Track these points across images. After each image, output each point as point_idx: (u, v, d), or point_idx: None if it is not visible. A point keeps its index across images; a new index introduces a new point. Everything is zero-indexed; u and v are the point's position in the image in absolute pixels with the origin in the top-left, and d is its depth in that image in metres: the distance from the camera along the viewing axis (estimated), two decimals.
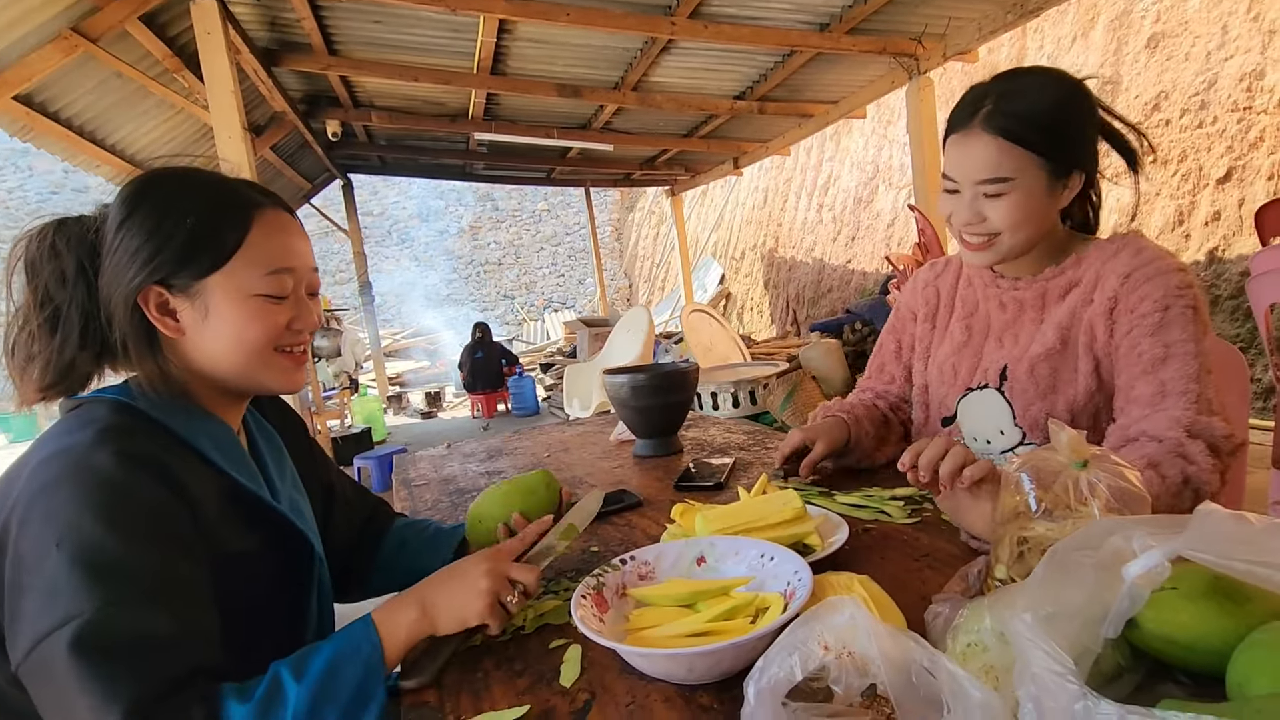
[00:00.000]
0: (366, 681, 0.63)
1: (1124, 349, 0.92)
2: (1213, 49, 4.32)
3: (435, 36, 4.42)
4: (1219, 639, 0.46)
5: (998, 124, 0.90)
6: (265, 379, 0.76)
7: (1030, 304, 1.03)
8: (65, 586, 0.56)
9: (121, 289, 0.70)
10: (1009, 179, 0.91)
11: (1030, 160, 0.90)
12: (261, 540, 0.75)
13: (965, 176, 0.94)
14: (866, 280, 7.44)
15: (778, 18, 4.16)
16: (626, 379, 1.41)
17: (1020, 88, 0.93)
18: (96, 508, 0.60)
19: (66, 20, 3.24)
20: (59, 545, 0.58)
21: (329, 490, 0.98)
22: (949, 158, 0.97)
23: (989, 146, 0.91)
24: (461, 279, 15.27)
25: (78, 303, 0.71)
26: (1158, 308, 0.89)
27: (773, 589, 0.68)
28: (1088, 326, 0.96)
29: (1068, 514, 0.58)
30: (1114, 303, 0.93)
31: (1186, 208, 4.41)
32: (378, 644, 0.66)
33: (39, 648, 0.55)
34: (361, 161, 8.02)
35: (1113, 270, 0.94)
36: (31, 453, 0.65)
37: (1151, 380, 0.88)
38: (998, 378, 1.04)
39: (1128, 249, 0.95)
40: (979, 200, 0.94)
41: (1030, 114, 0.90)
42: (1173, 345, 0.88)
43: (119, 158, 4.81)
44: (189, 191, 0.74)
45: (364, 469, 4.85)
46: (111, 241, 0.71)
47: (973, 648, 0.51)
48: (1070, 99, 0.94)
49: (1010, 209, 0.92)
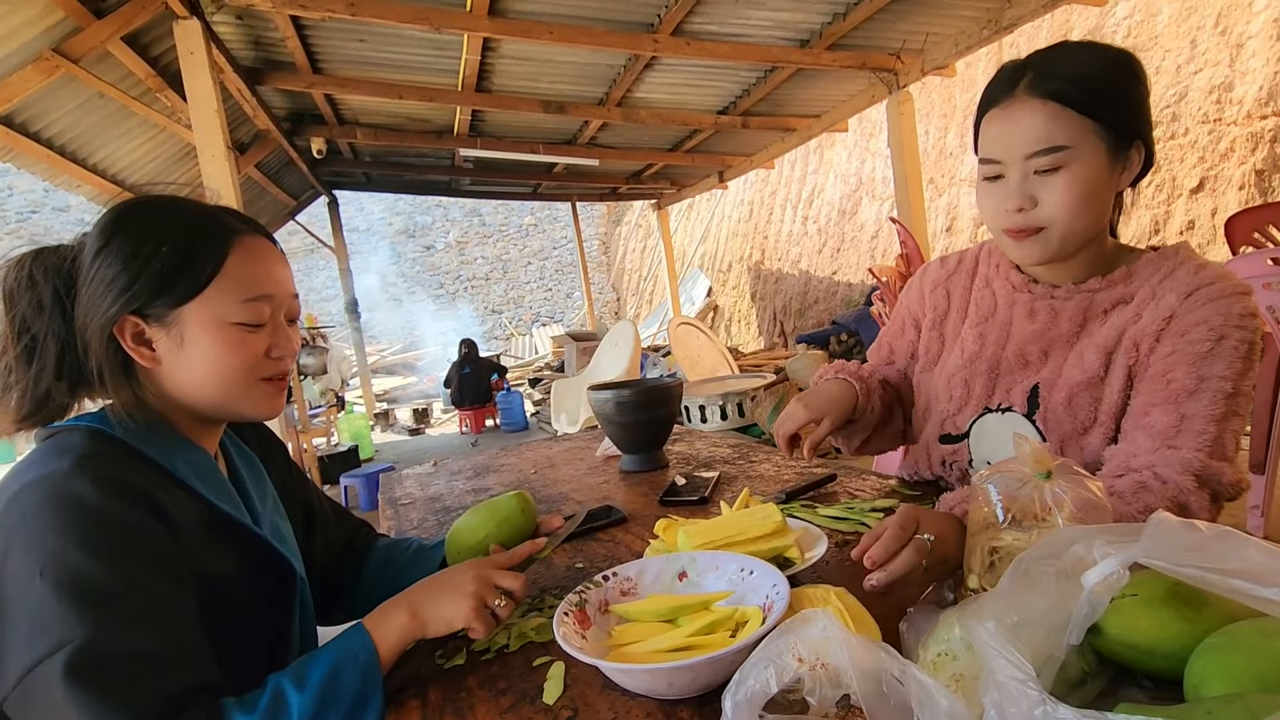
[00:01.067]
0: (365, 687, 0.64)
1: (1154, 369, 0.82)
2: (1182, 62, 4.44)
3: (420, 54, 4.45)
4: (1177, 643, 0.48)
5: (1047, 88, 0.79)
6: (243, 407, 0.76)
7: (1068, 316, 0.90)
8: (52, 615, 0.56)
9: (97, 319, 0.70)
10: (1065, 147, 0.79)
11: (1087, 126, 0.79)
12: (242, 564, 0.75)
13: (1012, 152, 0.82)
14: (852, 292, 7.52)
15: (759, 34, 4.23)
16: (611, 395, 1.42)
17: (1065, 53, 0.83)
18: (77, 534, 0.60)
19: (48, 41, 3.24)
20: (42, 574, 0.57)
21: (310, 512, 0.98)
22: (988, 137, 0.85)
23: (1038, 113, 0.79)
24: (449, 294, 15.25)
25: (54, 332, 0.71)
26: (1212, 335, 0.79)
27: (752, 603, 0.69)
28: (1131, 345, 0.85)
29: (1035, 524, 0.59)
30: (1168, 321, 0.82)
31: (1161, 217, 4.50)
32: (373, 650, 0.67)
33: (29, 677, 0.55)
34: (347, 178, 8.02)
35: (1171, 288, 0.84)
36: (7, 483, 0.65)
37: (1171, 412, 0.79)
38: (1025, 401, 0.92)
39: (1186, 266, 0.85)
40: (1029, 180, 0.82)
41: (1081, 75, 0.79)
42: (1208, 379, 0.78)
43: (101, 177, 4.79)
44: (165, 220, 0.73)
45: (351, 488, 4.81)
46: (88, 271, 0.70)
47: (943, 657, 0.52)
48: (1122, 62, 0.83)
49: (1068, 185, 0.80)
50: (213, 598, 0.69)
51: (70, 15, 3.13)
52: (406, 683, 0.73)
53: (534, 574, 0.97)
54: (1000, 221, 0.86)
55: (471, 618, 0.71)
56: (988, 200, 0.86)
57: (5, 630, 0.57)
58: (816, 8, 3.97)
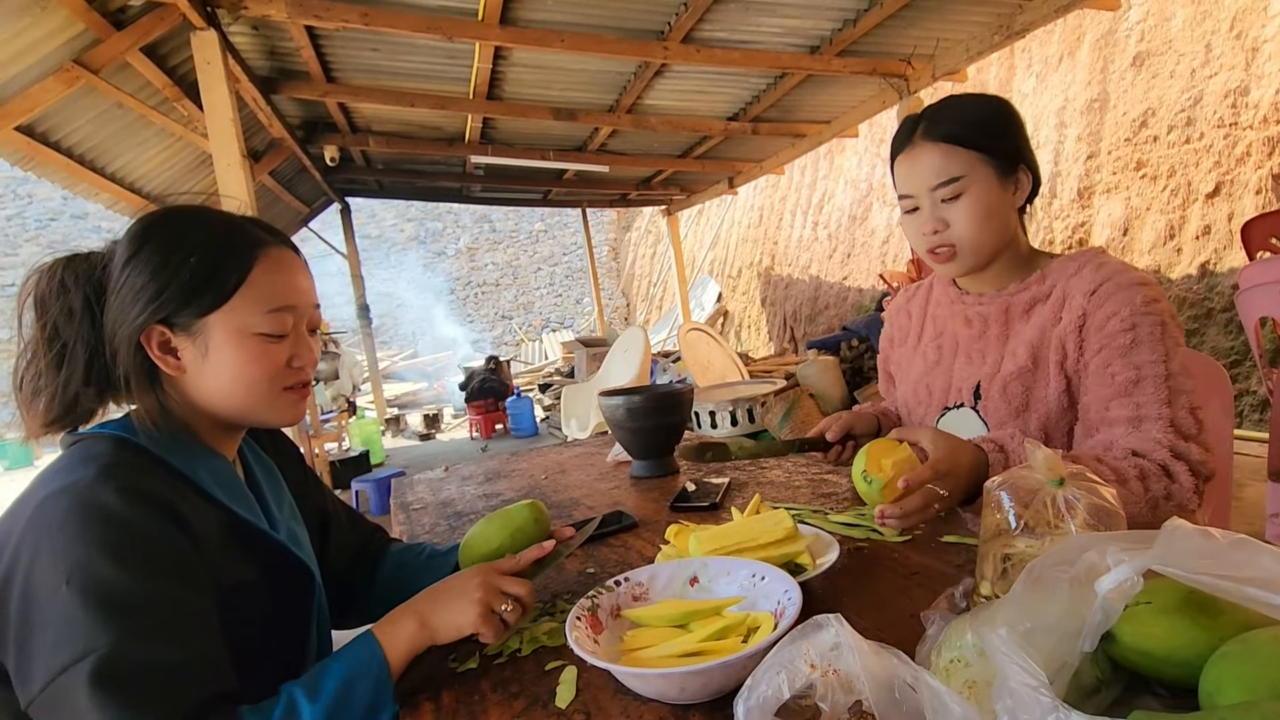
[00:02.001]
0: (377, 697, 0.65)
1: (1094, 368, 0.94)
2: (1197, 66, 4.40)
3: (432, 63, 4.49)
4: (1192, 651, 0.48)
5: (937, 133, 0.97)
6: (265, 415, 0.78)
7: (994, 319, 1.04)
8: (78, 622, 0.57)
9: (126, 327, 0.71)
10: (960, 177, 0.95)
11: (976, 158, 0.95)
12: (261, 570, 0.76)
13: (919, 187, 0.99)
14: (863, 297, 7.49)
15: (769, 41, 4.24)
16: (622, 401, 1.42)
17: (948, 104, 1.01)
18: (104, 544, 0.61)
19: (69, 52, 3.30)
20: (69, 582, 0.58)
21: (325, 518, 0.99)
22: (900, 178, 1.02)
23: (933, 153, 0.97)
24: (459, 300, 15.33)
25: (83, 338, 0.72)
26: (1125, 326, 0.91)
27: (764, 608, 0.69)
28: (1058, 344, 0.97)
29: (1048, 530, 0.59)
30: (1083, 320, 0.95)
31: (1177, 222, 4.46)
32: (383, 660, 0.68)
33: (55, 683, 0.56)
34: (359, 185, 8.09)
35: (1078, 287, 0.96)
36: (34, 490, 0.66)
37: (1127, 403, 0.91)
38: (971, 396, 1.06)
39: (1090, 264, 0.97)
40: (938, 208, 0.98)
41: (963, 118, 0.97)
42: (1143, 367, 0.90)
43: (119, 185, 4.86)
44: (193, 230, 0.75)
45: (362, 492, 4.84)
46: (117, 279, 0.72)
47: (955, 663, 0.52)
48: (998, 106, 1.01)
49: (969, 207, 0.96)
50: (232, 604, 0.70)
51: (91, 27, 3.18)
52: (420, 686, 0.73)
53: (545, 579, 0.98)
54: (922, 244, 1.02)
55: (479, 623, 0.71)
56: (910, 228, 1.03)
57: (32, 634, 0.58)
58: (827, 14, 3.98)
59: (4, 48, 3.07)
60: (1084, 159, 5.15)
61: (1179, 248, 4.43)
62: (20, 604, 0.60)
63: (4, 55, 3.12)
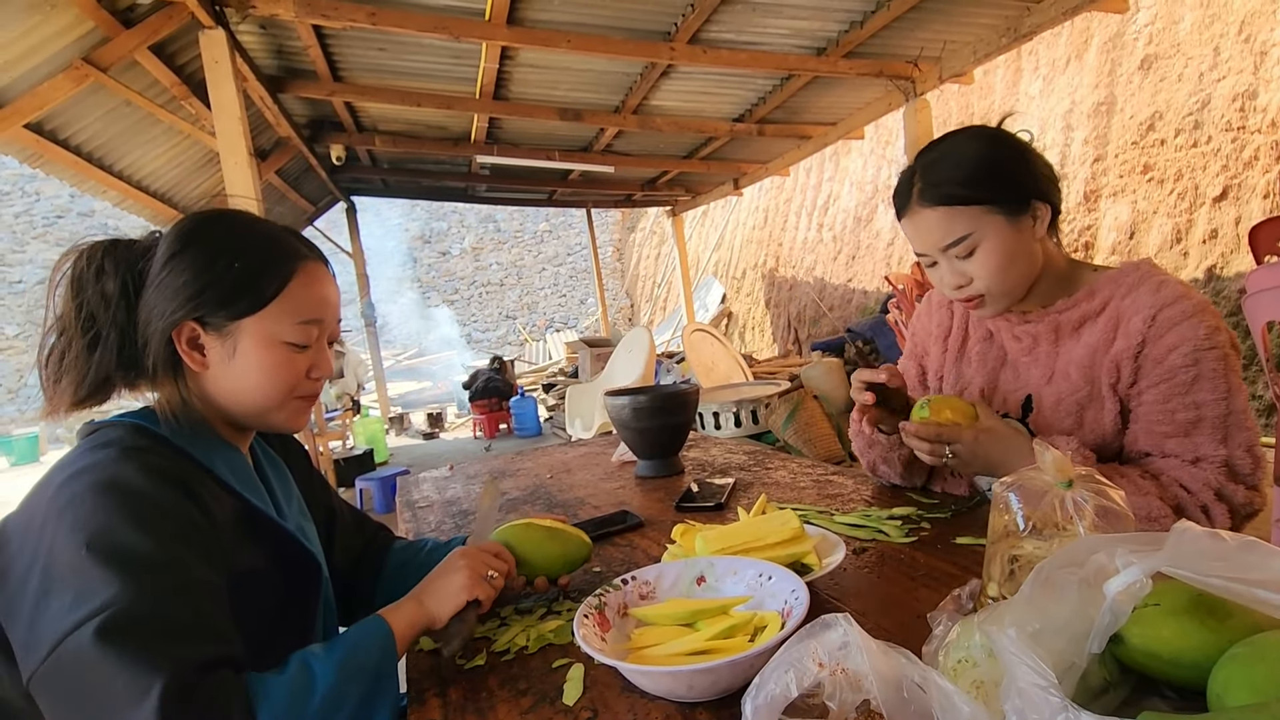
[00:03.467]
0: (382, 662, 0.67)
1: (1151, 400, 0.91)
2: (1205, 70, 4.39)
3: (438, 63, 4.50)
4: (1201, 653, 0.48)
5: (931, 196, 0.94)
6: (274, 420, 0.80)
7: (1044, 336, 1.01)
8: (95, 581, 0.58)
9: (161, 319, 0.73)
10: (968, 234, 0.93)
11: (980, 211, 0.92)
12: (271, 559, 0.78)
13: (930, 249, 0.97)
14: (867, 299, 7.48)
15: (775, 42, 4.24)
16: (627, 401, 1.43)
17: (939, 154, 0.96)
18: (124, 511, 0.62)
19: (78, 50, 3.32)
20: (88, 547, 0.59)
21: (331, 515, 1.00)
22: (909, 236, 1.00)
23: (933, 217, 0.94)
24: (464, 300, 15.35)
25: (118, 323, 0.74)
26: (1187, 362, 0.88)
27: (771, 608, 0.69)
28: (1111, 367, 0.94)
29: (1056, 532, 0.59)
30: (1141, 346, 0.91)
31: (1184, 226, 4.44)
32: (388, 631, 0.70)
33: (65, 642, 0.56)
34: (365, 184, 8.10)
35: (1134, 308, 0.92)
36: (54, 474, 0.67)
37: (1185, 444, 0.89)
38: (1019, 408, 1.03)
39: (1146, 284, 0.93)
40: (955, 264, 0.96)
41: (955, 175, 0.93)
42: (1204, 406, 0.88)
43: (126, 183, 4.88)
44: (240, 237, 0.77)
45: (366, 490, 4.85)
46: (158, 272, 0.74)
47: (963, 663, 0.52)
48: (991, 143, 0.96)
49: (986, 259, 0.93)
50: (243, 591, 0.71)
51: (100, 25, 3.20)
52: (428, 682, 0.74)
53: None
54: (949, 295, 1.01)
55: (470, 585, 0.75)
56: (934, 279, 1.01)
57: (47, 601, 0.59)
58: (833, 16, 3.97)
59: (14, 45, 3.09)
60: (1090, 162, 5.14)
61: (1185, 251, 4.42)
62: (41, 577, 0.60)
63: (14, 53, 3.13)
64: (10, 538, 0.65)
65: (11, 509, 0.68)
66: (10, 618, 0.62)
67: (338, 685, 0.62)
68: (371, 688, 0.65)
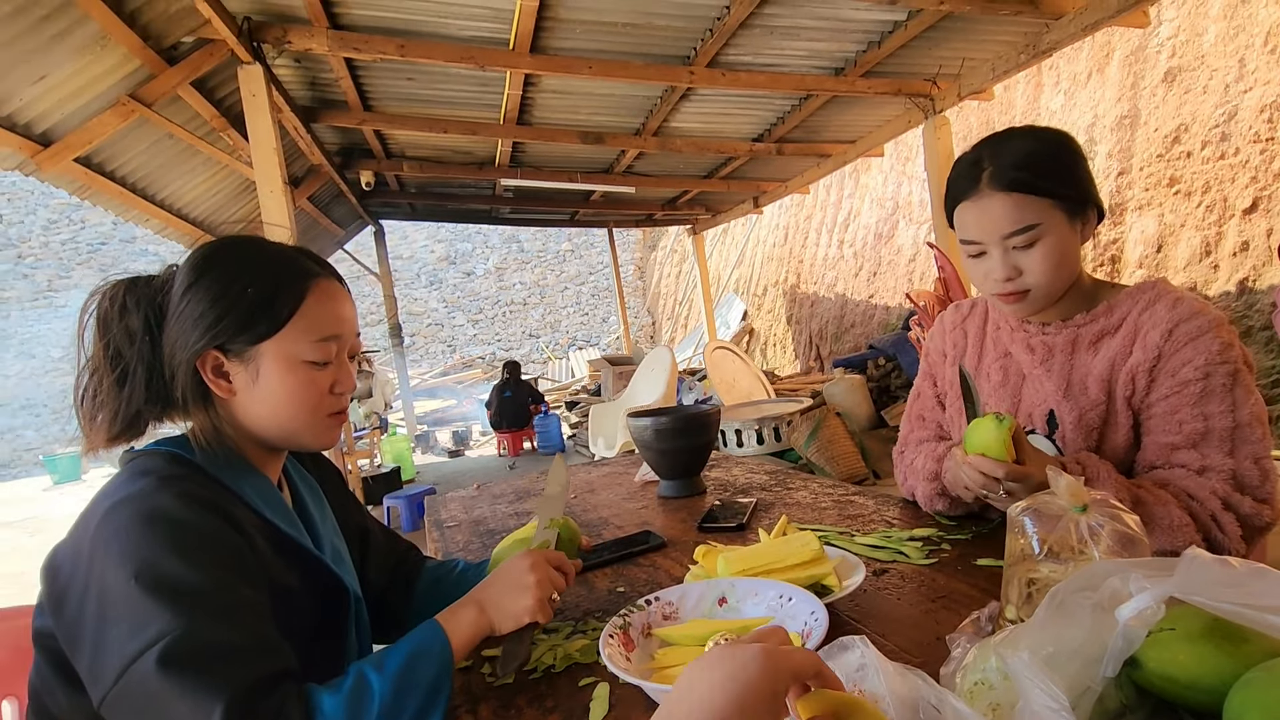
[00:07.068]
0: (439, 676, 0.69)
1: (1161, 411, 0.93)
2: (1231, 81, 4.33)
3: (464, 91, 4.62)
4: (1217, 678, 0.48)
5: (1005, 179, 0.92)
6: (306, 438, 0.81)
7: (1060, 349, 1.02)
8: (147, 612, 0.61)
9: (184, 351, 0.75)
10: (1036, 225, 0.92)
11: (1048, 204, 0.92)
12: (304, 583, 0.80)
13: (990, 235, 0.95)
14: (889, 315, 7.43)
15: (793, 64, 4.29)
16: (650, 422, 1.45)
17: (1010, 145, 0.96)
18: (165, 540, 0.65)
19: (125, 87, 3.48)
20: (136, 578, 0.63)
21: (364, 535, 1.02)
22: (965, 223, 0.97)
23: (1004, 202, 0.92)
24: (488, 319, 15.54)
25: (143, 359, 0.77)
26: (1198, 375, 0.89)
27: (791, 629, 0.70)
28: (1127, 380, 0.95)
29: (1073, 556, 0.60)
30: (1157, 359, 0.93)
31: (1213, 239, 4.37)
32: (446, 643, 0.72)
33: (129, 671, 0.60)
34: (393, 208, 8.30)
35: (1152, 322, 0.94)
36: (98, 503, 0.70)
37: (1193, 455, 0.90)
38: (1044, 423, 1.03)
39: (1164, 300, 0.94)
40: (1010, 254, 0.95)
41: (1029, 163, 0.92)
42: (1212, 418, 0.89)
43: (168, 212, 5.07)
44: (251, 262, 0.79)
45: (393, 508, 4.91)
46: (177, 305, 0.76)
47: (979, 686, 0.53)
48: (1058, 142, 0.96)
49: (1045, 254, 0.93)
50: (279, 607, 0.73)
51: (145, 64, 3.36)
52: (459, 698, 0.76)
53: (577, 597, 1.00)
54: (991, 288, 0.99)
55: (536, 611, 0.77)
56: (975, 271, 1.00)
57: (105, 631, 0.62)
58: (850, 37, 4.01)
59: (66, 84, 3.26)
60: (1115, 175, 5.08)
61: (1216, 264, 4.33)
62: (96, 606, 0.64)
63: (66, 91, 3.30)
64: (61, 566, 0.68)
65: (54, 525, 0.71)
66: (73, 646, 0.65)
67: (394, 699, 0.65)
68: (426, 701, 0.67)
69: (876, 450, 4.62)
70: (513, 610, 0.77)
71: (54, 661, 0.69)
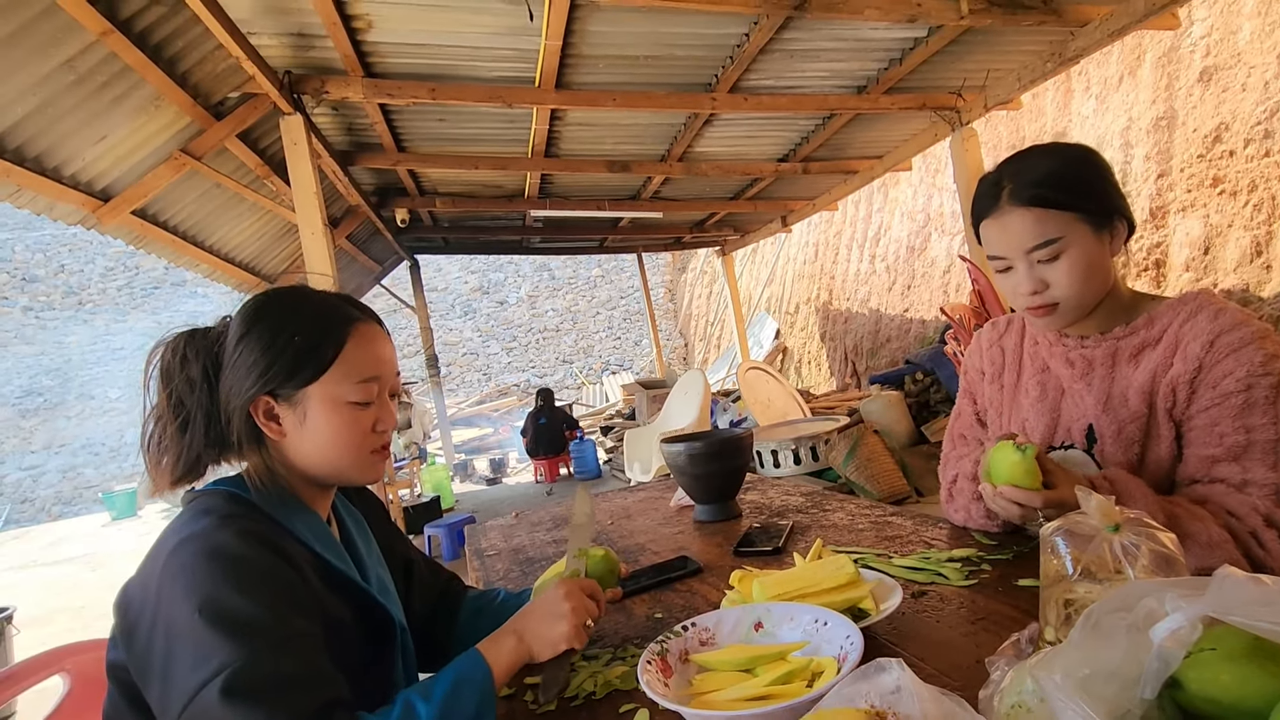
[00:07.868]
0: (482, 703, 0.72)
1: (1202, 423, 0.92)
2: (1270, 78, 4.22)
3: (493, 128, 4.77)
4: (1261, 699, 0.48)
5: (1025, 196, 0.93)
6: (353, 474, 0.86)
7: (1100, 362, 1.01)
8: (210, 645, 0.65)
9: (238, 397, 0.81)
10: (1058, 238, 0.92)
11: (1070, 218, 0.92)
12: (353, 615, 0.84)
13: (1014, 250, 0.95)
14: (925, 329, 7.31)
15: (814, 85, 4.33)
16: (684, 447, 1.46)
17: (1029, 163, 0.96)
18: (227, 578, 0.69)
19: (178, 143, 3.70)
20: (199, 612, 0.67)
21: (409, 566, 1.06)
22: (990, 240, 0.98)
23: (1025, 217, 0.93)
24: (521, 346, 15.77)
25: (203, 406, 0.82)
26: (1240, 387, 0.88)
27: (827, 653, 0.71)
28: (1168, 391, 0.94)
29: (1109, 576, 0.60)
30: (1198, 370, 0.91)
31: (1263, 238, 4.22)
32: (488, 671, 0.75)
33: (194, 701, 0.64)
34: (427, 243, 8.54)
35: (1193, 334, 0.93)
36: (164, 541, 0.75)
37: (1234, 468, 0.89)
38: (1084, 438, 1.02)
39: (1205, 311, 0.93)
40: (1036, 269, 0.95)
41: (1049, 178, 0.93)
42: (1254, 431, 0.88)
43: (216, 256, 5.32)
44: (296, 311, 0.85)
45: (434, 537, 4.98)
46: (231, 354, 0.82)
47: (1017, 709, 0.53)
48: (1084, 158, 0.97)
49: (1070, 267, 0.93)
50: (331, 639, 0.77)
51: (195, 120, 3.57)
52: None
53: (616, 624, 1.02)
54: (1020, 302, 0.99)
55: (573, 638, 0.80)
56: (1005, 286, 1.00)
57: (172, 663, 0.67)
58: (871, 56, 4.04)
59: (124, 143, 3.47)
60: (1154, 178, 4.96)
61: (1268, 264, 4.18)
62: (164, 640, 0.68)
63: (124, 149, 3.52)
64: (131, 601, 0.73)
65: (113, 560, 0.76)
66: (143, 677, 0.70)
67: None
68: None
69: (918, 467, 4.52)
70: (549, 637, 0.80)
71: (128, 694, 0.73)
